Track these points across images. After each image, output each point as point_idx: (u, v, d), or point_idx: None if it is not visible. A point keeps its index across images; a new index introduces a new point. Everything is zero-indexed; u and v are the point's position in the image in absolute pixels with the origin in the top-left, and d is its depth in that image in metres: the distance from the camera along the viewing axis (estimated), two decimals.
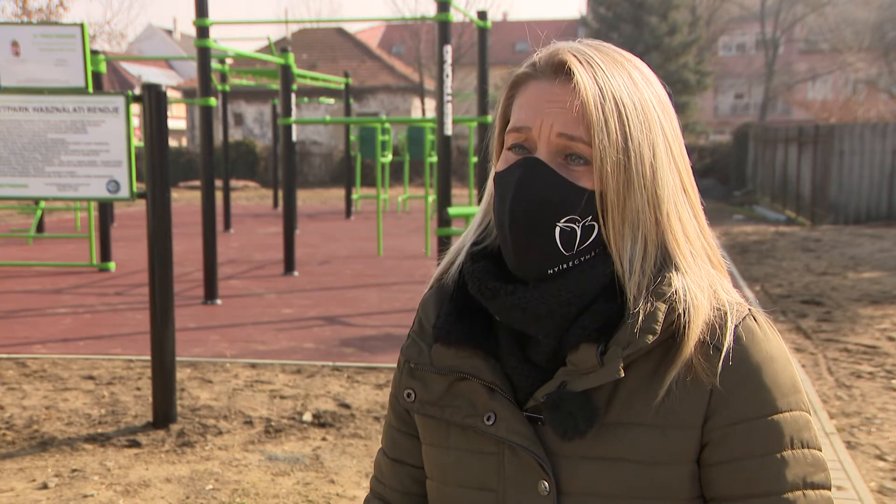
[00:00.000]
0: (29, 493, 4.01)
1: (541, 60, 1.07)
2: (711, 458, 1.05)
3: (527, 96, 1.07)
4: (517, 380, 1.09)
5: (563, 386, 1.04)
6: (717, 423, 1.04)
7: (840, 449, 4.61)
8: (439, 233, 7.34)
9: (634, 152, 1.02)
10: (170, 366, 4.93)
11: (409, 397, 1.16)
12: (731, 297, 1.09)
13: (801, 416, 1.06)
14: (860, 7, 39.61)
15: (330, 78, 17.92)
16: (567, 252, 1.05)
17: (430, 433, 1.17)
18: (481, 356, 1.10)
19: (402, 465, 1.25)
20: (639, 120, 1.03)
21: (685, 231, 1.06)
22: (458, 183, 20.00)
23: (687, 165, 1.09)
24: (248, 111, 37.68)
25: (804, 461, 1.05)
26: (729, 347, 1.03)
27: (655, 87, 1.08)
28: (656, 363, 1.05)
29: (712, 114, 48.37)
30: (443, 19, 7.26)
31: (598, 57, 1.05)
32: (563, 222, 1.04)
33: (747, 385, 1.04)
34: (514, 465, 1.08)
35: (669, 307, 1.03)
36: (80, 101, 4.92)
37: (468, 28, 33.45)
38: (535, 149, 1.05)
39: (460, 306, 1.14)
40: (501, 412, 1.08)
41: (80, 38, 5.24)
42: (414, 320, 1.21)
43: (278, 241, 11.99)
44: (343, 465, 4.35)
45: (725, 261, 1.14)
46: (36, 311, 8.26)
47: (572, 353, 1.05)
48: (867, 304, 8.63)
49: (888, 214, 16.81)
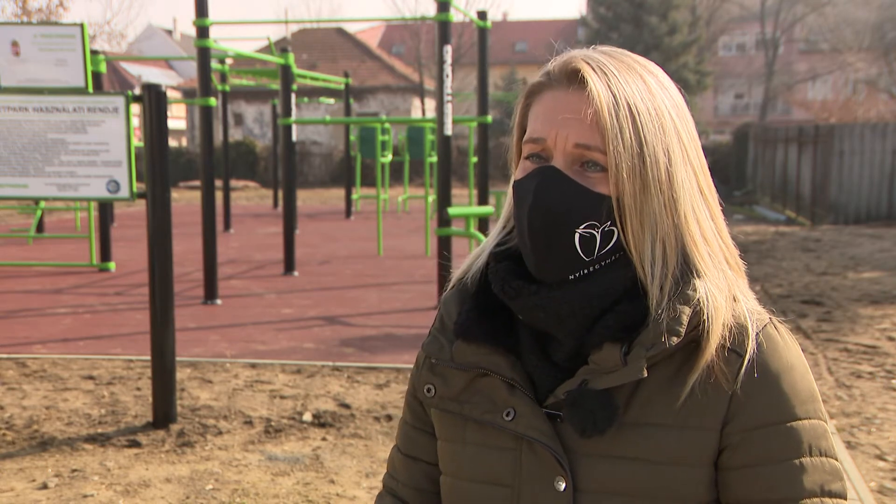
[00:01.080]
0: (29, 493, 4.01)
1: (555, 69, 1.08)
2: (729, 462, 1.06)
3: (542, 106, 1.08)
4: (537, 377, 1.10)
5: (585, 384, 1.05)
6: (736, 427, 1.05)
7: (840, 449, 4.61)
8: (439, 233, 7.34)
9: (650, 157, 1.03)
10: (170, 366, 4.94)
11: (428, 392, 1.18)
12: (752, 305, 1.10)
13: (819, 425, 1.07)
14: (860, 7, 39.60)
15: (330, 78, 17.92)
16: (587, 258, 1.06)
17: (447, 428, 1.18)
18: (502, 353, 1.11)
19: (415, 462, 1.26)
20: (653, 125, 1.04)
21: (703, 233, 1.07)
22: (458, 183, 20.02)
23: (704, 167, 1.10)
24: (248, 111, 37.69)
25: (822, 469, 1.05)
26: (752, 354, 1.04)
27: (670, 90, 1.09)
28: (678, 366, 1.06)
29: (712, 114, 48.37)
30: (443, 19, 7.27)
31: (612, 64, 1.06)
32: (583, 228, 1.05)
33: (767, 391, 1.05)
34: (531, 460, 1.09)
35: (693, 311, 1.04)
36: (80, 101, 4.92)
37: (468, 28, 33.43)
38: (552, 158, 1.06)
39: (482, 304, 1.15)
40: (521, 408, 1.09)
41: (80, 38, 5.24)
42: (435, 317, 1.22)
43: (278, 241, 11.99)
44: (343, 465, 4.35)
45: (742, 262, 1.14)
46: (36, 311, 8.26)
47: (595, 353, 1.06)
48: (867, 304, 8.63)
49: (888, 214, 16.82)
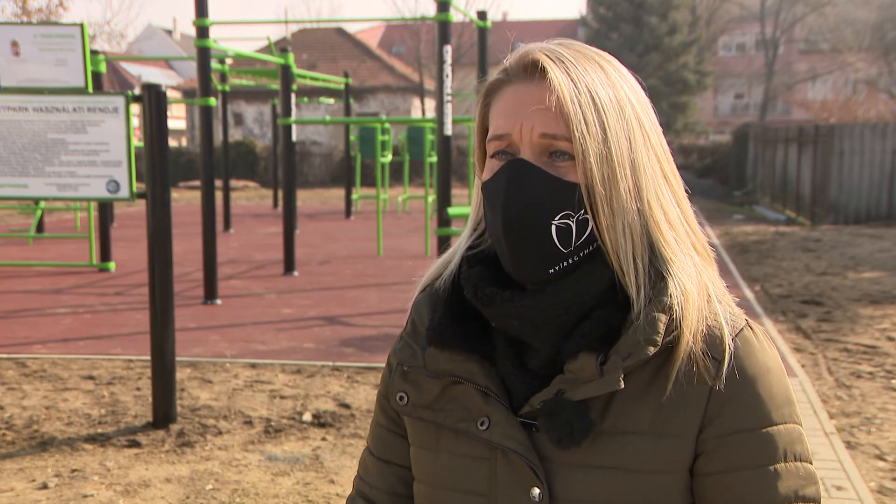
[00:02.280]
0: (29, 493, 4.01)
1: (512, 64, 1.07)
2: (705, 468, 1.05)
3: (503, 102, 1.07)
4: (512, 385, 1.08)
5: (561, 394, 1.03)
6: (711, 433, 1.04)
7: (840, 449, 4.61)
8: (439, 233, 7.34)
9: (614, 143, 1.02)
10: (170, 366, 4.94)
11: (401, 400, 1.15)
12: (727, 302, 1.09)
13: (794, 429, 1.06)
14: (860, 7, 39.61)
15: (330, 78, 17.92)
16: (566, 249, 1.04)
17: (421, 435, 1.15)
18: (476, 360, 1.09)
19: (389, 465, 1.23)
20: (615, 111, 1.03)
21: (668, 218, 1.06)
22: (458, 183, 20.01)
23: (667, 153, 1.09)
24: (248, 111, 37.68)
25: (796, 474, 1.05)
26: (729, 358, 1.03)
27: (628, 78, 1.08)
28: (653, 372, 1.05)
29: (712, 114, 48.38)
30: (443, 19, 7.27)
31: (569, 53, 1.05)
32: (558, 219, 1.03)
33: (743, 396, 1.04)
34: (506, 470, 1.07)
35: (669, 318, 1.02)
36: (79, 101, 4.92)
37: (468, 28, 33.43)
38: (519, 152, 1.05)
39: (455, 310, 1.12)
40: (495, 417, 1.06)
41: (80, 38, 5.24)
42: (406, 322, 1.19)
43: (278, 241, 11.98)
44: (343, 465, 4.35)
45: (714, 252, 1.13)
46: (36, 311, 8.26)
47: (571, 362, 1.04)
48: (867, 304, 8.63)
49: (888, 214, 16.81)
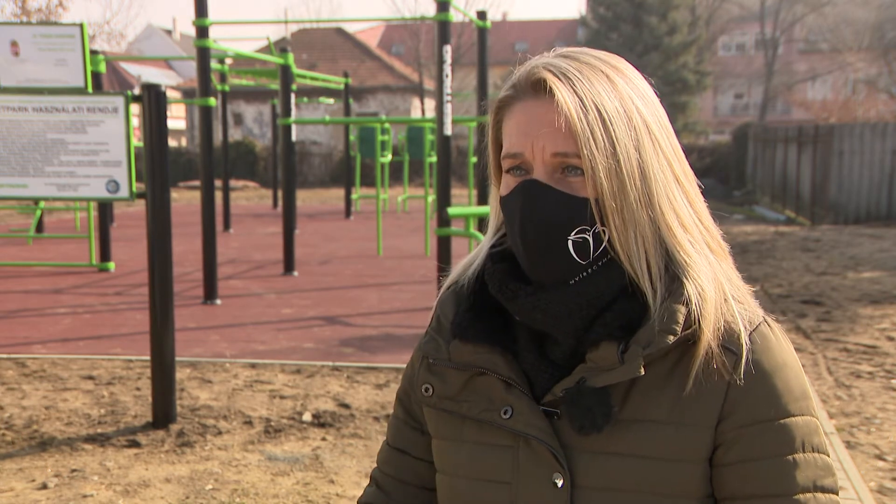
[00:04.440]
0: (29, 493, 4.01)
1: (520, 81, 1.09)
2: (724, 458, 1.07)
3: (514, 119, 1.09)
4: (534, 376, 1.11)
5: (583, 382, 1.06)
6: (730, 424, 1.06)
7: (840, 449, 4.61)
8: (439, 233, 7.33)
9: (622, 155, 1.04)
10: (169, 366, 4.94)
11: (426, 392, 1.18)
12: (745, 300, 1.12)
13: (811, 421, 1.09)
14: (860, 7, 39.60)
15: (329, 78, 17.92)
16: (584, 261, 1.08)
17: (444, 427, 1.19)
18: (499, 352, 1.12)
19: (402, 455, 1.27)
20: (622, 121, 1.04)
21: (681, 222, 1.08)
22: (458, 183, 20.01)
23: (678, 153, 1.10)
24: (248, 111, 37.68)
25: (814, 465, 1.07)
26: (747, 354, 1.06)
27: (636, 81, 1.09)
28: (673, 363, 1.07)
29: (712, 114, 48.35)
30: (442, 19, 7.26)
31: (574, 67, 1.06)
32: (575, 235, 1.06)
33: (760, 389, 1.06)
34: (529, 457, 1.10)
35: (689, 310, 1.05)
36: (79, 101, 4.92)
37: (468, 28, 33.44)
38: (532, 170, 1.07)
39: (479, 305, 1.16)
40: (518, 406, 1.10)
41: (80, 38, 5.24)
42: (431, 318, 1.23)
43: (278, 241, 11.98)
44: (343, 465, 4.35)
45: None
46: (36, 311, 8.26)
47: (592, 351, 1.07)
48: (867, 304, 8.63)
49: (888, 214, 16.81)
